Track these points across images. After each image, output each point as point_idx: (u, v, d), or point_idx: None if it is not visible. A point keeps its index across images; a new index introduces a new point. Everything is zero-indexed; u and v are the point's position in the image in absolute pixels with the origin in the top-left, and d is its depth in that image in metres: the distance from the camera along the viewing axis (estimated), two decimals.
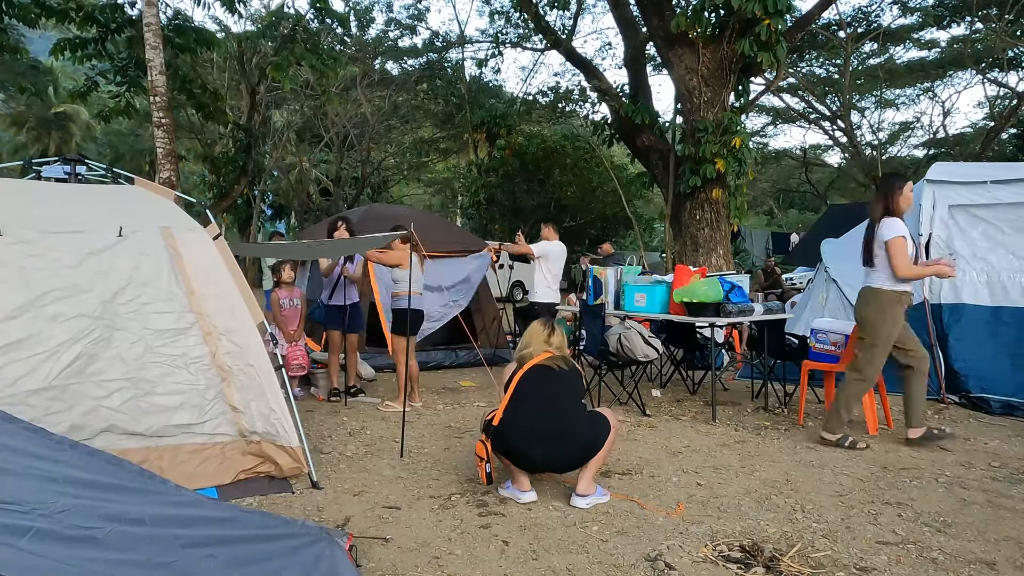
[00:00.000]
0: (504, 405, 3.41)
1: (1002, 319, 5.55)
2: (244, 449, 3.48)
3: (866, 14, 17.28)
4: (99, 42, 11.12)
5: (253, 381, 3.53)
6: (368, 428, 4.98)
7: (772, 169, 26.86)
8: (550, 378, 3.45)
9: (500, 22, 16.31)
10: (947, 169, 6.31)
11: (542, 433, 3.33)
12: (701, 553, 2.82)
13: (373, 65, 19.71)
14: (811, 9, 11.44)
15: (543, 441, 3.34)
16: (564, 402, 3.45)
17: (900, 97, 21.27)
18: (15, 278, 3.17)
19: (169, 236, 3.62)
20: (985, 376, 5.50)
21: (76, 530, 1.74)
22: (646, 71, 12.03)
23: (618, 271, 6.17)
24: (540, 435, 3.33)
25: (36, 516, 1.69)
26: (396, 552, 2.80)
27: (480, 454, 3.46)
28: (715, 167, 9.14)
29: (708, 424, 5.14)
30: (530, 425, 3.34)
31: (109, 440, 3.12)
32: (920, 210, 5.94)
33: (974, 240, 5.81)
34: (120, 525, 1.84)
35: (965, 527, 3.10)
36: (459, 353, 7.84)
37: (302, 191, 22.41)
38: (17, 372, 3.03)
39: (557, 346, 3.60)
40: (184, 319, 3.49)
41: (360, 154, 21.00)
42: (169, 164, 8.56)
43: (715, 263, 9.50)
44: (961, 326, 5.69)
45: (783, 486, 3.68)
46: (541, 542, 2.92)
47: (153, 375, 3.34)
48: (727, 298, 5.36)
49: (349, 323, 5.99)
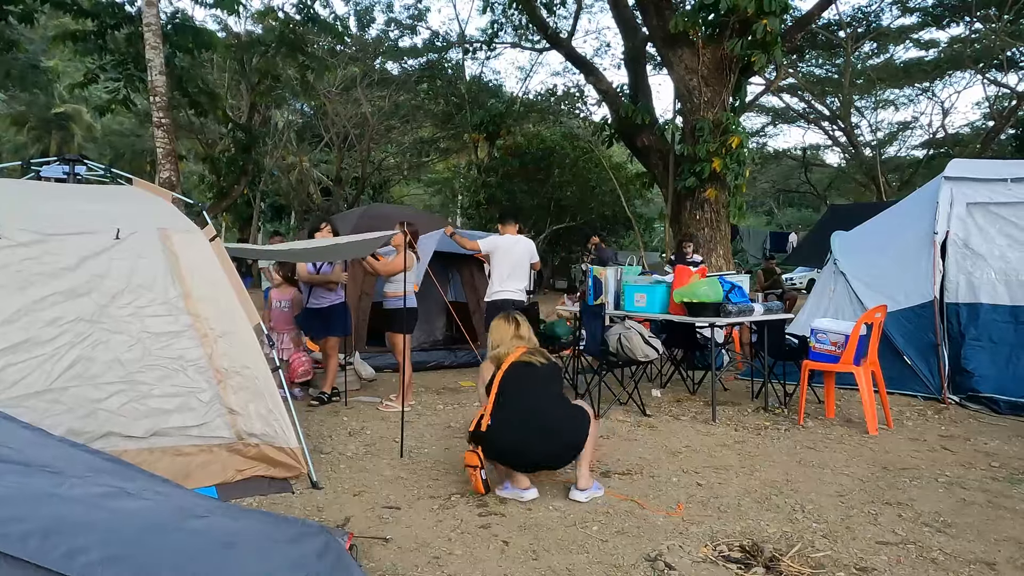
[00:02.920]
0: (489, 410, 3.40)
1: (1021, 319, 5.44)
2: (242, 451, 3.47)
3: (866, 14, 17.30)
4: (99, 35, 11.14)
5: (250, 383, 3.53)
6: (368, 428, 4.97)
7: (772, 169, 26.85)
8: (530, 375, 3.47)
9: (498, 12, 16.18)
10: (965, 166, 6.22)
11: (530, 432, 3.34)
12: (701, 553, 2.81)
13: (373, 65, 19.71)
14: (811, 9, 11.45)
15: (533, 440, 3.35)
16: (547, 399, 3.48)
17: (899, 97, 21.28)
18: (13, 281, 3.18)
19: (166, 238, 3.62)
20: (1000, 376, 5.41)
21: (107, 488, 1.90)
22: (646, 71, 12.04)
23: (618, 271, 6.17)
24: (529, 434, 3.34)
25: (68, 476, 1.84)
26: (396, 552, 2.80)
27: (472, 463, 3.44)
28: (711, 166, 9.14)
29: (708, 424, 5.13)
30: (518, 426, 3.35)
31: (107, 443, 3.12)
32: (937, 208, 5.90)
33: (992, 238, 5.68)
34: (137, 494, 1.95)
35: (965, 527, 3.10)
36: (459, 353, 7.84)
37: (302, 191, 22.42)
38: (16, 375, 3.03)
39: (527, 338, 3.63)
40: (181, 321, 3.48)
41: (360, 154, 21.00)
42: (169, 164, 8.56)
43: (715, 263, 9.50)
44: (978, 325, 5.58)
45: (783, 486, 3.67)
46: (541, 542, 2.92)
47: (150, 378, 3.33)
48: (727, 298, 5.36)
49: (329, 326, 5.74)
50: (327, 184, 23.60)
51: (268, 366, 3.66)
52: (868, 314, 4.99)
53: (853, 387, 5.16)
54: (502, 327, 3.69)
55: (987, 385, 5.45)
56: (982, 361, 5.53)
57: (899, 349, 5.79)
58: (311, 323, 5.81)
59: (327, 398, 5.77)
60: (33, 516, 1.57)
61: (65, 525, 1.59)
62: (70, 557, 1.49)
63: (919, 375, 5.73)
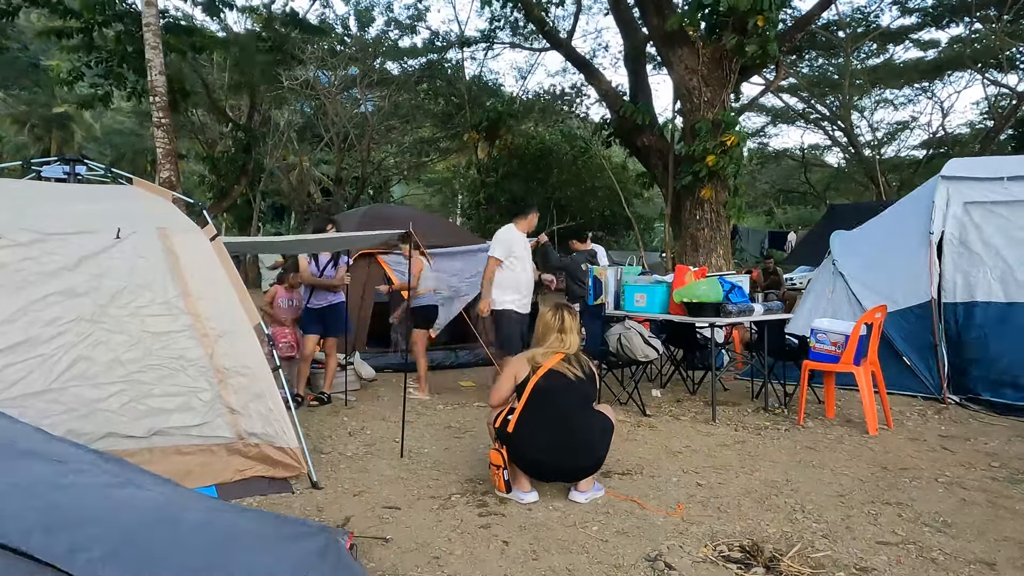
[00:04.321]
0: (518, 414, 3.38)
1: (1019, 317, 5.41)
2: (242, 451, 3.47)
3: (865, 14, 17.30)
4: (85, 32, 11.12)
5: (251, 382, 3.52)
6: (368, 428, 4.97)
7: (772, 169, 26.83)
8: (565, 388, 3.39)
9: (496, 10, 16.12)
10: (962, 165, 6.20)
11: (558, 447, 3.32)
12: (701, 553, 2.81)
13: (373, 65, 19.70)
14: (811, 9, 11.45)
15: (559, 455, 3.33)
16: (579, 417, 3.42)
17: (899, 97, 21.28)
18: (12, 281, 3.18)
19: (166, 237, 3.62)
20: (999, 376, 5.39)
21: (108, 482, 1.94)
22: (646, 71, 12.04)
23: (618, 271, 6.17)
24: (556, 449, 3.32)
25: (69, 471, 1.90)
26: (396, 552, 2.80)
27: (496, 462, 3.43)
28: (706, 164, 9.13)
29: (708, 424, 5.13)
30: (545, 438, 3.32)
31: (107, 443, 3.12)
32: (933, 207, 5.89)
33: (989, 237, 5.67)
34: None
35: (965, 527, 3.10)
36: (459, 353, 7.84)
37: (303, 191, 22.41)
38: (15, 375, 3.03)
39: (569, 344, 3.50)
40: (181, 321, 3.48)
41: (360, 154, 20.99)
42: (169, 164, 8.57)
43: (715, 263, 9.49)
44: (974, 324, 5.57)
45: (783, 486, 3.67)
46: (541, 542, 2.92)
47: (151, 377, 3.33)
48: (727, 298, 5.36)
49: (329, 326, 5.80)
50: (327, 184, 23.60)
51: (268, 366, 3.66)
52: (868, 314, 4.99)
53: (853, 387, 5.15)
54: (550, 324, 3.52)
55: (985, 385, 5.45)
56: (980, 361, 5.52)
57: (898, 350, 5.78)
58: (311, 323, 5.81)
59: (327, 398, 5.81)
60: (35, 511, 1.57)
61: (68, 520, 1.59)
62: (73, 553, 1.49)
63: (919, 375, 5.73)
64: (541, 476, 3.45)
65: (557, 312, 3.56)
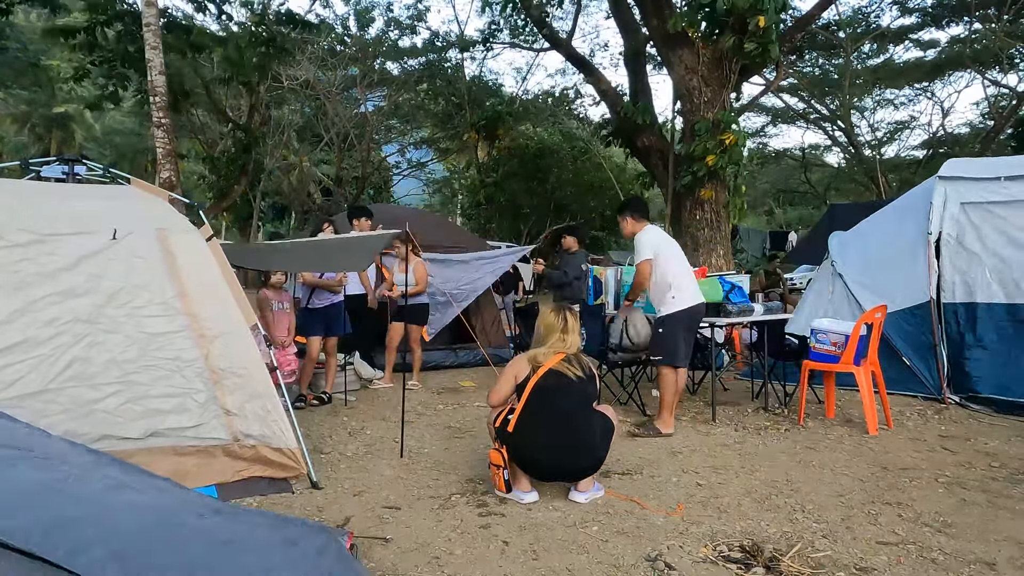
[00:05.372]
0: (518, 414, 3.37)
1: (1018, 317, 5.40)
2: (238, 453, 3.46)
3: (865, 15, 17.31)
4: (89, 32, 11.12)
5: (247, 384, 3.52)
6: (368, 428, 4.97)
7: (772, 169, 26.83)
8: (565, 388, 3.39)
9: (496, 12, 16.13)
10: (960, 165, 6.18)
11: (557, 447, 3.32)
12: (701, 553, 2.81)
13: (373, 65, 19.71)
14: (811, 9, 11.45)
15: (559, 455, 3.32)
16: (580, 417, 3.42)
17: (899, 97, 21.28)
18: (10, 282, 3.17)
19: (163, 238, 3.61)
20: (999, 375, 5.37)
21: (109, 481, 1.95)
22: (646, 71, 12.05)
23: (618, 271, 6.16)
24: (555, 449, 3.32)
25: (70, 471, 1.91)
26: (396, 552, 2.80)
27: (496, 462, 3.42)
28: (706, 164, 9.13)
29: (708, 424, 5.13)
30: (545, 438, 3.32)
31: (104, 444, 3.11)
32: (931, 207, 5.88)
33: (986, 236, 5.65)
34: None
35: (965, 527, 3.09)
36: (459, 353, 7.84)
37: (303, 191, 22.41)
38: (12, 376, 3.03)
39: (569, 343, 3.50)
40: (177, 322, 3.47)
41: (360, 154, 21.00)
42: (169, 164, 8.57)
43: (715, 263, 9.49)
44: (975, 325, 5.56)
45: (783, 486, 3.67)
46: (541, 542, 2.91)
47: (147, 378, 3.32)
48: (727, 298, 5.35)
49: (329, 325, 5.80)
50: (327, 184, 23.61)
51: (265, 366, 3.65)
52: (868, 314, 4.99)
53: (853, 387, 5.15)
54: (551, 324, 3.51)
55: (986, 385, 5.44)
56: (981, 361, 5.52)
57: (898, 350, 5.78)
58: (314, 324, 5.81)
59: (328, 398, 5.81)
60: (37, 511, 1.57)
61: (69, 520, 1.59)
62: (74, 553, 1.48)
63: (918, 375, 5.72)
64: (541, 476, 3.45)
65: (560, 312, 3.57)
